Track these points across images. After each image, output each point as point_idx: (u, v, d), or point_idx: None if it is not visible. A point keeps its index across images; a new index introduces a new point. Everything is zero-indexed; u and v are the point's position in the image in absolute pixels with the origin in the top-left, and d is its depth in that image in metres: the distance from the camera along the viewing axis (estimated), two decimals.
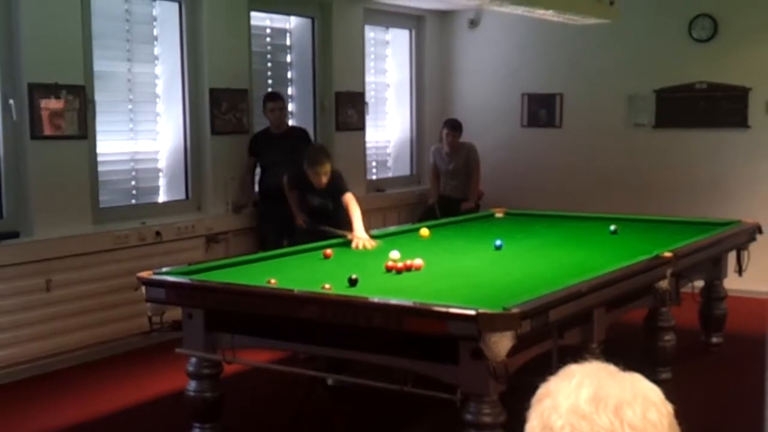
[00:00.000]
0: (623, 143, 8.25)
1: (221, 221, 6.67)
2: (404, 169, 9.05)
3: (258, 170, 6.94)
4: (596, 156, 8.37)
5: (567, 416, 1.11)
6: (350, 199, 5.50)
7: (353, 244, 5.03)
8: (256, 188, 6.95)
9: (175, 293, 4.17)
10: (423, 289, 3.98)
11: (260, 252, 5.26)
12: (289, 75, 7.66)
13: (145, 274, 4.17)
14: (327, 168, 5.59)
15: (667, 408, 1.14)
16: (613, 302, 4.24)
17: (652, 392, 1.15)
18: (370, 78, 8.42)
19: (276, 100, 6.84)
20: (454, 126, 8.02)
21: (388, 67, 8.90)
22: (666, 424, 1.12)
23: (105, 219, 6.05)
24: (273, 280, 4.04)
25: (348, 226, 5.44)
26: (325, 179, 5.51)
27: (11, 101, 5.44)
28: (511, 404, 3.24)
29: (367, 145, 8.33)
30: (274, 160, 6.66)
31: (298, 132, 6.96)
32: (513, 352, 3.29)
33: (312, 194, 5.90)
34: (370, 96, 8.40)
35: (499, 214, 6.72)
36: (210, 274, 4.34)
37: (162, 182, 6.64)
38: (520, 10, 6.30)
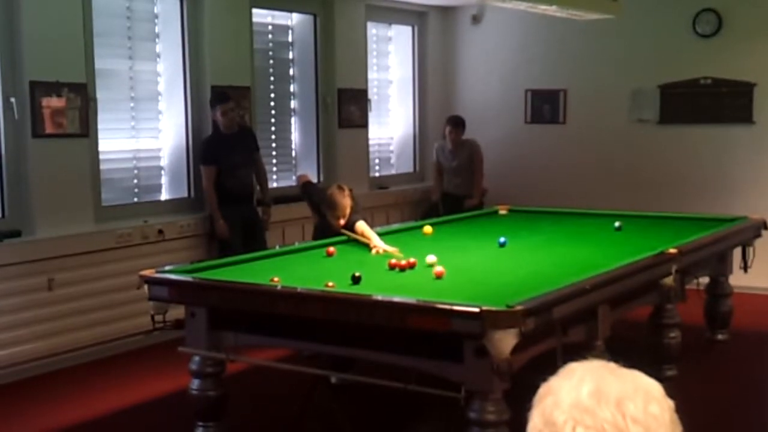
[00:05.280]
0: (627, 139, 8.22)
1: None
2: (407, 166, 9.03)
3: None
4: (600, 152, 8.35)
5: (569, 411, 1.11)
6: (364, 229, 5.32)
7: (373, 251, 4.95)
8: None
9: (178, 291, 4.16)
10: (426, 287, 3.96)
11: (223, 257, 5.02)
12: (291, 72, 7.65)
13: (147, 273, 4.16)
14: (346, 211, 5.42)
15: (668, 403, 1.15)
16: (617, 299, 4.22)
17: (653, 387, 1.15)
18: (372, 75, 8.40)
19: (228, 101, 6.39)
20: (457, 123, 8.00)
21: (390, 64, 8.87)
22: (667, 418, 1.12)
23: (107, 217, 6.04)
24: (276, 278, 4.03)
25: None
26: (343, 221, 5.40)
27: (13, 99, 5.43)
28: (516, 402, 3.22)
29: (370, 142, 8.31)
30: (237, 162, 6.40)
31: (248, 130, 6.65)
32: (517, 349, 3.28)
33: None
34: (372, 93, 8.38)
35: (502, 211, 6.69)
36: (213, 272, 4.33)
37: (164, 180, 6.63)
38: (523, 6, 6.28)
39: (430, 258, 4.49)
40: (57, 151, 5.62)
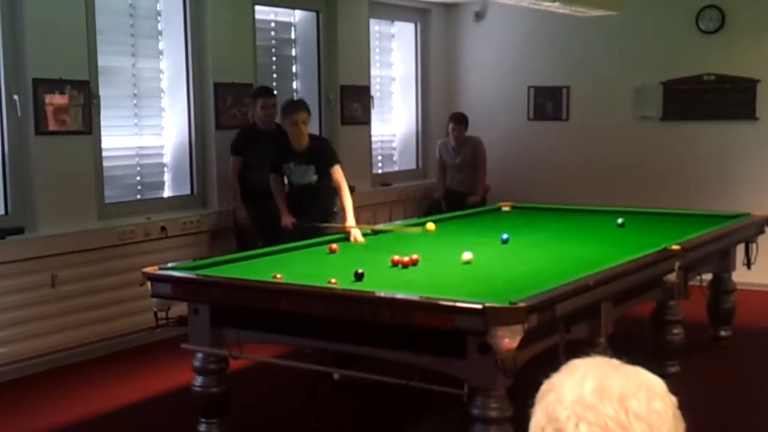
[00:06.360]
0: (630, 136, 8.21)
1: (226, 217, 6.62)
2: (410, 163, 9.02)
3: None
4: (603, 149, 8.34)
5: (572, 407, 1.11)
6: (341, 177, 5.40)
7: (351, 238, 5.02)
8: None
9: (181, 288, 4.15)
10: (429, 283, 3.96)
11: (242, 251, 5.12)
12: (293, 69, 7.64)
13: (150, 270, 4.16)
14: (304, 116, 5.44)
15: (671, 399, 1.15)
16: (620, 296, 4.21)
17: (656, 384, 1.15)
18: (375, 71, 8.39)
19: (271, 95, 6.53)
20: (460, 120, 7.99)
21: (393, 61, 8.87)
22: (670, 414, 1.12)
23: (110, 214, 6.04)
24: (279, 275, 4.03)
25: (332, 207, 5.38)
26: (305, 129, 5.41)
27: (16, 97, 5.43)
28: (519, 399, 3.22)
29: (373, 139, 8.31)
30: (264, 158, 6.28)
31: (282, 131, 6.45)
32: (520, 346, 3.27)
33: (294, 164, 5.68)
34: (375, 90, 8.37)
35: (505, 208, 6.69)
36: (216, 269, 4.33)
37: (167, 177, 6.63)
38: (526, 2, 6.27)
39: (466, 255, 4.49)
40: (60, 149, 5.62)
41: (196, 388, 4.18)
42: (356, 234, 5.18)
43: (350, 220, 5.26)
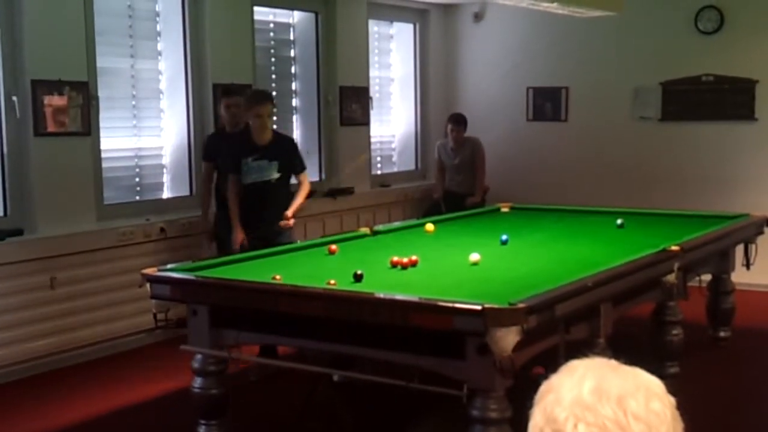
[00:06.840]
0: (629, 136, 8.21)
1: None
2: (409, 164, 9.02)
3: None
4: (602, 149, 8.34)
5: (571, 408, 1.11)
6: (306, 181, 5.48)
7: (283, 222, 5.17)
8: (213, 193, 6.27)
9: (180, 290, 4.15)
10: (428, 285, 3.96)
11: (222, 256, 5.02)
12: (292, 70, 7.64)
13: (149, 271, 4.16)
14: (269, 109, 5.36)
15: (670, 399, 1.15)
16: (620, 296, 4.21)
17: (655, 384, 1.15)
18: (374, 72, 8.39)
19: (233, 95, 6.10)
20: (459, 121, 7.99)
21: (392, 62, 8.87)
22: (669, 415, 1.12)
23: (109, 216, 6.04)
24: (278, 276, 4.03)
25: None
26: (269, 123, 5.36)
27: (14, 98, 5.43)
28: (518, 399, 3.22)
29: (372, 140, 8.31)
30: None
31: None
32: (519, 347, 3.27)
33: (252, 159, 5.43)
34: (374, 90, 8.38)
35: (504, 209, 6.69)
36: (215, 270, 4.33)
37: (166, 178, 6.63)
38: (525, 3, 6.27)
39: (474, 256, 4.48)
40: (59, 150, 5.62)
41: (195, 389, 4.17)
42: (287, 222, 5.36)
43: (291, 208, 5.34)
